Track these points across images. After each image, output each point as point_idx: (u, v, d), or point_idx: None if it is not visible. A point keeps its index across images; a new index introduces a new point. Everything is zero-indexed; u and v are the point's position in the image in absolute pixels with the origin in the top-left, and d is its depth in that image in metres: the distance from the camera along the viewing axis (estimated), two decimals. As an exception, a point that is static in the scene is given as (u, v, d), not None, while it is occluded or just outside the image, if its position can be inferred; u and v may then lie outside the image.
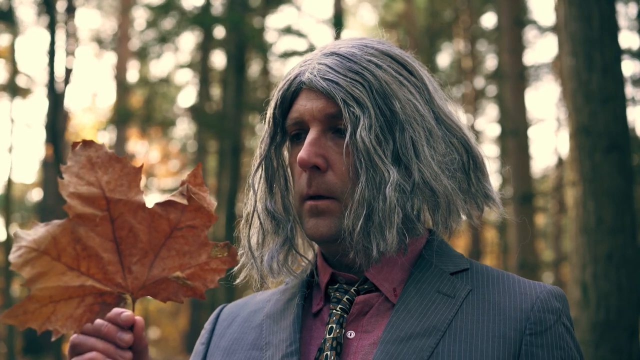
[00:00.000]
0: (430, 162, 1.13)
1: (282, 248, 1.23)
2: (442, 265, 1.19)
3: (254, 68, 14.90)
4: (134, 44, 17.16)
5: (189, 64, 14.96)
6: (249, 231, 1.25)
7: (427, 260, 1.20)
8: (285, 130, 1.22)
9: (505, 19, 10.48)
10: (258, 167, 1.24)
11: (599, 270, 2.96)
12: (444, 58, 18.60)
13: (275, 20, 16.28)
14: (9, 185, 12.74)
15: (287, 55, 12.85)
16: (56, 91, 11.50)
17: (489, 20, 17.97)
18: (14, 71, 14.39)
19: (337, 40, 1.26)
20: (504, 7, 10.59)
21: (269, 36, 13.31)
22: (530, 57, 19.14)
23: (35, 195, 21.35)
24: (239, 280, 1.26)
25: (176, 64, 15.15)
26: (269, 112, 1.23)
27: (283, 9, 14.38)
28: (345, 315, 1.16)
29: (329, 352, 1.13)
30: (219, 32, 12.95)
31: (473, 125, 17.06)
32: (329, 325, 1.16)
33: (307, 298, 1.25)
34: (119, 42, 18.45)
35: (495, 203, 1.24)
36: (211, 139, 14.65)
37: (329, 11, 22.19)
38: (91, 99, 25.98)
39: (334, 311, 1.17)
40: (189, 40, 17.12)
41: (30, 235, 0.95)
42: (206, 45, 14.01)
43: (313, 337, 1.19)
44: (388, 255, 1.13)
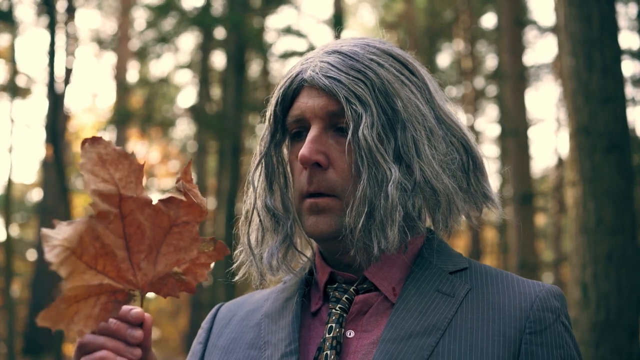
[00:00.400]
0: (431, 161, 1.13)
1: (282, 245, 1.23)
2: (441, 265, 1.19)
3: (254, 68, 14.90)
4: (134, 44, 17.15)
5: (189, 65, 14.95)
6: (248, 228, 1.25)
7: (426, 259, 1.19)
8: (286, 128, 1.21)
9: (505, 19, 10.49)
10: (258, 164, 1.24)
11: (599, 270, 2.96)
12: (444, 58, 18.61)
13: (275, 21, 16.30)
14: (9, 185, 12.72)
15: (287, 55, 12.84)
16: (56, 91, 11.49)
17: (489, 21, 17.97)
18: (14, 71, 14.37)
19: (338, 39, 1.25)
20: (504, 7, 10.59)
21: (269, 36, 13.31)
22: (530, 57, 19.16)
23: (35, 196, 21.36)
24: (237, 278, 1.26)
25: (176, 64, 15.13)
26: (270, 109, 1.23)
27: (283, 9, 14.37)
28: (345, 315, 1.16)
29: (328, 352, 1.12)
30: (219, 33, 12.93)
31: (473, 126, 17.05)
32: (329, 325, 1.15)
33: (305, 297, 1.25)
34: (119, 42, 18.44)
35: (495, 204, 1.24)
36: (211, 139, 14.64)
37: (329, 11, 22.18)
38: (91, 99, 26.05)
39: (334, 310, 1.17)
40: (189, 40, 17.11)
41: (59, 234, 0.93)
42: (206, 46, 14.00)
43: (312, 336, 1.18)
44: (388, 253, 1.13)
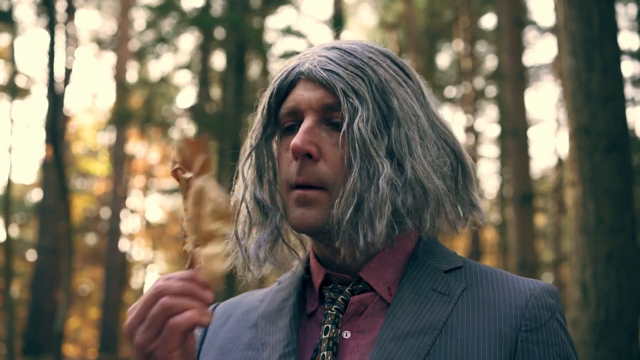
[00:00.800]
0: (422, 161, 1.14)
1: (270, 237, 1.23)
2: (436, 264, 1.19)
3: (253, 69, 14.89)
4: (134, 44, 17.14)
5: (188, 65, 14.94)
6: (235, 220, 1.24)
7: (421, 258, 1.19)
8: (278, 120, 1.21)
9: (505, 20, 10.49)
10: (248, 156, 1.24)
11: (599, 270, 2.95)
12: (444, 58, 18.63)
13: (275, 21, 16.30)
14: (8, 185, 12.70)
15: (287, 55, 12.82)
16: (56, 92, 11.49)
17: (488, 21, 18.00)
18: (13, 71, 14.39)
19: (336, 39, 1.27)
20: (503, 7, 10.60)
21: (269, 37, 13.30)
22: (530, 58, 19.21)
23: (35, 196, 21.37)
24: (225, 268, 1.25)
25: (176, 64, 15.12)
26: (264, 101, 1.23)
27: (283, 9, 14.37)
28: (341, 316, 1.16)
29: (325, 352, 1.12)
30: (218, 33, 12.93)
31: (473, 126, 17.06)
32: (325, 326, 1.15)
33: (301, 298, 1.24)
34: (118, 42, 18.46)
35: (480, 213, 1.25)
36: (211, 139, 14.64)
37: (328, 11, 22.21)
38: (91, 100, 26.06)
39: (329, 311, 1.16)
40: (188, 41, 17.09)
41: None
42: (206, 46, 14.00)
43: (308, 337, 1.18)
44: (373, 248, 1.12)
